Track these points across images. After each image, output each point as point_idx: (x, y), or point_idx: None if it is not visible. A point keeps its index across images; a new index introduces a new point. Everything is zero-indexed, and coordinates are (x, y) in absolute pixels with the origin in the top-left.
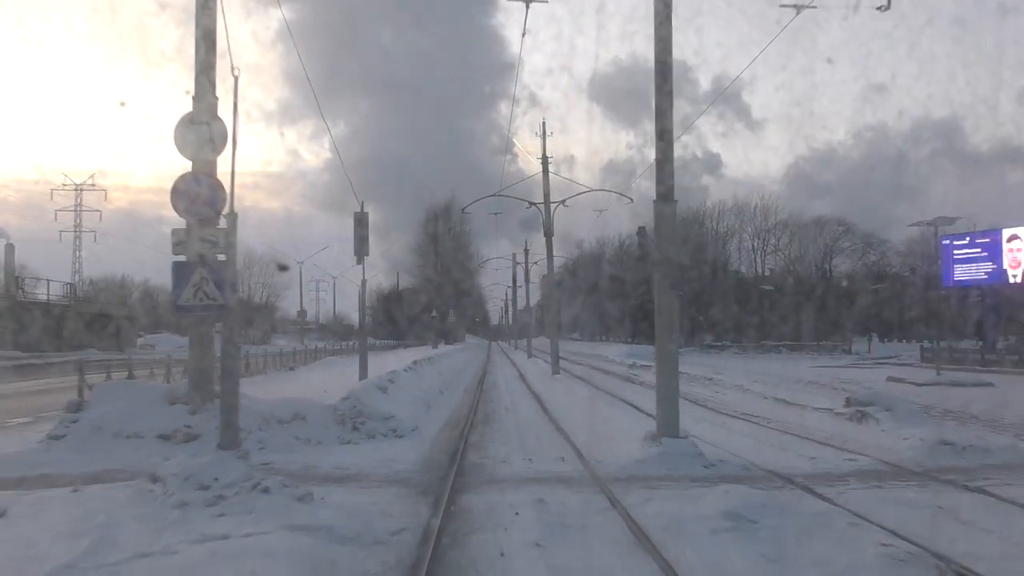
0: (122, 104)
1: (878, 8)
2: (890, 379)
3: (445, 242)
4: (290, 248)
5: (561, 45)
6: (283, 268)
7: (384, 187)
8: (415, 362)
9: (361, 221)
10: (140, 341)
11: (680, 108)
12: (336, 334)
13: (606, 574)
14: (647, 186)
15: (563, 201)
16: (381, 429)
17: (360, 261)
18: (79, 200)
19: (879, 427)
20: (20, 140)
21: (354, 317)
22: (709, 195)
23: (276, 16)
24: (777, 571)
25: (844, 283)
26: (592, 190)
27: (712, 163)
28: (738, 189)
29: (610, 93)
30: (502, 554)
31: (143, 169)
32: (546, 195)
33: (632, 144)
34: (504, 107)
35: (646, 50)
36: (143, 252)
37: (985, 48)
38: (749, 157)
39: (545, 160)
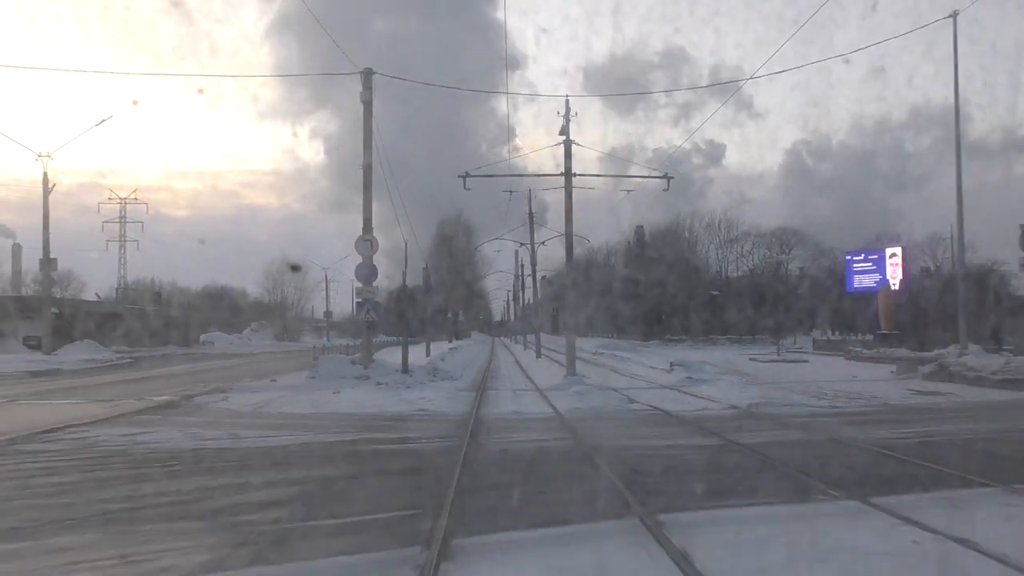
0: (135, 103)
1: None
2: (751, 359)
3: (456, 242)
4: (299, 245)
5: (557, 37)
6: (295, 268)
7: (384, 179)
8: (449, 350)
9: (427, 280)
10: (201, 338)
11: (682, 96)
12: (350, 332)
13: (531, 402)
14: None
15: (544, 242)
16: (446, 376)
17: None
18: (123, 212)
19: (673, 373)
20: (26, 136)
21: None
22: (712, 185)
23: (270, 8)
24: (578, 400)
25: (782, 287)
26: (560, 235)
27: (716, 153)
28: (739, 182)
29: (609, 83)
30: (499, 399)
31: (152, 167)
32: (532, 242)
33: (630, 132)
34: (507, 99)
35: (645, 39)
36: (154, 248)
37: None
38: (751, 150)
39: (531, 216)
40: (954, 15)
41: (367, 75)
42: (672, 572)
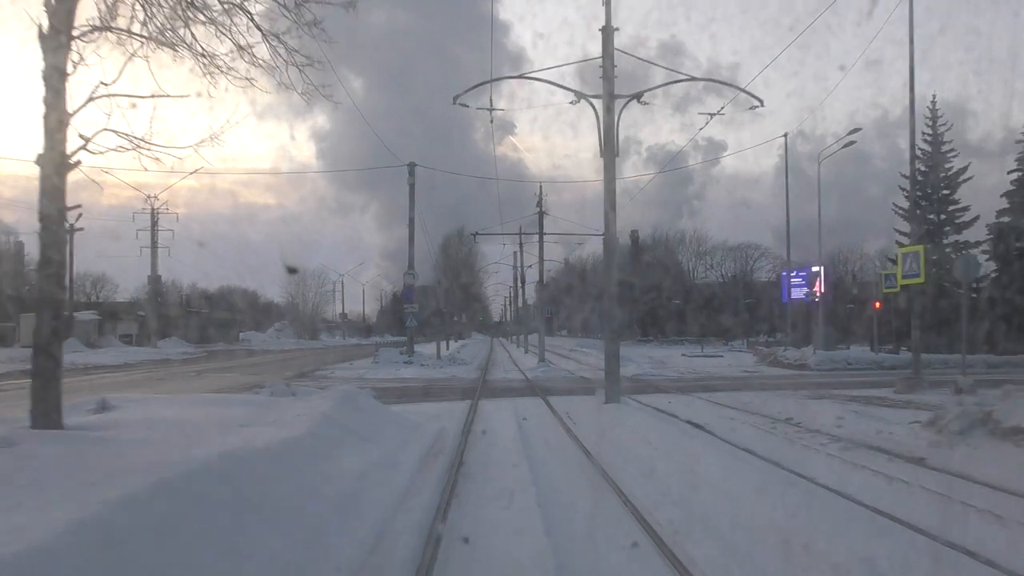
0: (133, 106)
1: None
2: (683, 355)
3: (457, 252)
4: (310, 249)
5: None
6: (292, 271)
7: (381, 175)
8: (460, 346)
9: (440, 295)
10: (241, 336)
11: (679, 89)
12: (360, 332)
13: (514, 374)
14: (649, 186)
15: (531, 265)
16: (462, 363)
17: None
18: (156, 220)
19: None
20: (21, 133)
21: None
22: (711, 181)
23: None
24: (541, 373)
25: (732, 296)
26: (533, 263)
27: (715, 150)
28: (736, 182)
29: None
30: (496, 373)
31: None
32: (522, 265)
33: (626, 127)
34: (499, 96)
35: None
36: (173, 249)
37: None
38: (751, 149)
39: (522, 260)
40: (786, 136)
41: (411, 167)
42: (542, 403)
